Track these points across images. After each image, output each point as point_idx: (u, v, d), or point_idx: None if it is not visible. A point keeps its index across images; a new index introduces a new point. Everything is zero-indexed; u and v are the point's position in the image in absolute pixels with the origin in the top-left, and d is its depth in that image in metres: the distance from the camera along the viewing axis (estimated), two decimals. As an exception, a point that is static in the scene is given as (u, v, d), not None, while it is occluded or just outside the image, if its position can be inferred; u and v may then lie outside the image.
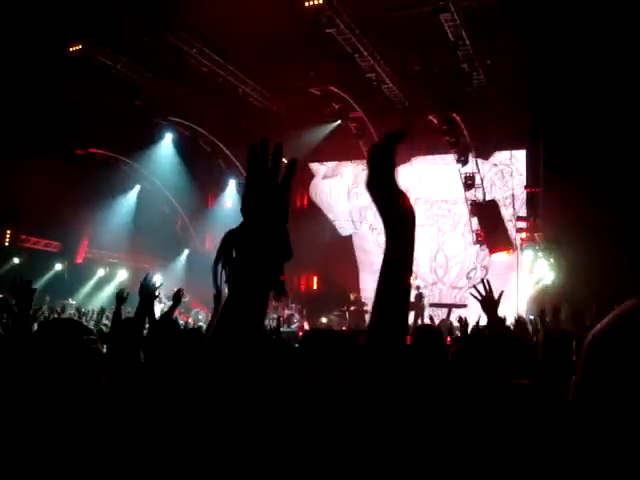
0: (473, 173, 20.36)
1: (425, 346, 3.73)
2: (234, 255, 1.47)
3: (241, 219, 1.47)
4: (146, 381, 2.31)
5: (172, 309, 5.92)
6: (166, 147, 24.19)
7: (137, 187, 24.94)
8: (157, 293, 5.17)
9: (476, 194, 20.65)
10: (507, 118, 18.58)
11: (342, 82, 19.72)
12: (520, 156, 21.39)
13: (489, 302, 4.24)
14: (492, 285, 4.35)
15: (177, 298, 6.04)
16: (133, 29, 17.40)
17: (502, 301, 4.40)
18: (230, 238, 1.49)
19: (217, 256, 1.48)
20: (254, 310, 1.46)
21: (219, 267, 1.47)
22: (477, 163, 20.28)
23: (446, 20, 16.07)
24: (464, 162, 20.22)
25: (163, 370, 2.42)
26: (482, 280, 4.39)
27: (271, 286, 1.48)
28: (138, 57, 19.31)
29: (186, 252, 26.27)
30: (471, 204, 20.67)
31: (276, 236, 1.46)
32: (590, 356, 1.19)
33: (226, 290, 1.47)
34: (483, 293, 4.26)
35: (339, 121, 21.79)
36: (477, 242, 20.87)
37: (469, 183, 20.43)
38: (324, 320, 18.06)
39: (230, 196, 25.37)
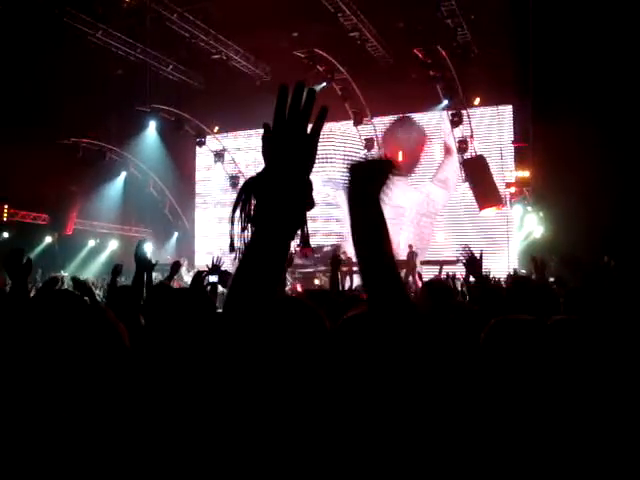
0: (459, 110, 20.31)
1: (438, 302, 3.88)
2: (254, 204, 1.41)
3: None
4: (150, 344, 2.34)
5: (169, 278, 5.93)
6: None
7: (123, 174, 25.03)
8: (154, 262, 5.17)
9: (464, 132, 20.66)
10: (493, 73, 18.48)
11: (326, 42, 19.52)
12: (507, 111, 21.34)
13: (472, 264, 4.61)
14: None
15: (175, 268, 6.03)
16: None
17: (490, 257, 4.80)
18: (250, 185, 1.43)
19: (235, 203, 1.42)
20: (274, 261, 1.42)
21: (236, 215, 1.41)
22: (463, 99, 20.13)
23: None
24: (451, 98, 20.12)
25: (164, 332, 2.45)
26: (465, 247, 4.83)
27: (293, 237, 1.42)
28: (117, 25, 18.98)
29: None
30: (459, 141, 20.65)
31: (300, 185, 1.40)
32: None
33: (240, 241, 1.42)
34: (465, 257, 4.68)
35: (324, 83, 21.49)
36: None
37: (455, 120, 20.39)
38: (317, 282, 18.09)
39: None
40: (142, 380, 1.61)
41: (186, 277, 20.00)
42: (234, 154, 24.99)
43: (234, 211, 1.42)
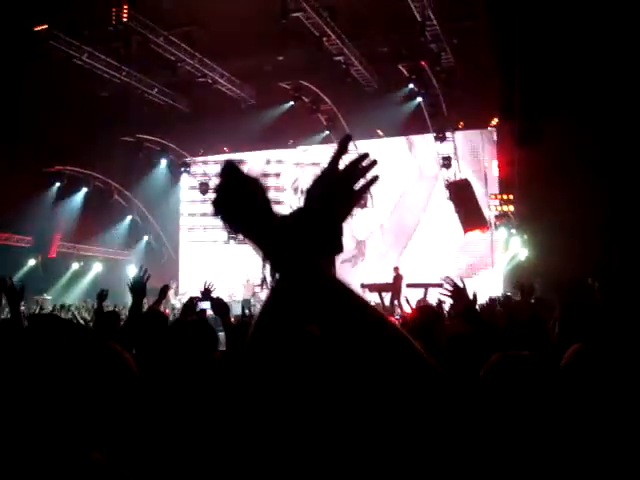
0: (443, 130, 20.50)
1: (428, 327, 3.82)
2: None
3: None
4: (146, 373, 2.32)
5: (157, 303, 5.90)
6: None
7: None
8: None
9: (448, 152, 20.82)
10: (477, 97, 18.65)
11: (311, 66, 19.63)
12: (491, 134, 21.51)
13: (459, 295, 4.38)
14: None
15: (163, 293, 6.03)
16: (97, 18, 17.17)
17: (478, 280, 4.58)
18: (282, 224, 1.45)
19: None
20: (296, 302, 1.43)
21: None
22: (447, 117, 20.21)
23: (412, 0, 16.17)
24: (435, 113, 20.21)
25: (163, 362, 2.43)
26: (447, 280, 4.51)
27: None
28: (103, 47, 18.98)
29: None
30: (443, 158, 20.79)
31: (332, 230, 1.45)
32: None
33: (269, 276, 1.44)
34: (450, 290, 4.40)
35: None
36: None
37: (440, 136, 20.60)
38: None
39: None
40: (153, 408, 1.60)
41: (173, 300, 19.91)
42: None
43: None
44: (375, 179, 1.48)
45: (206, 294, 5.81)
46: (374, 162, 1.49)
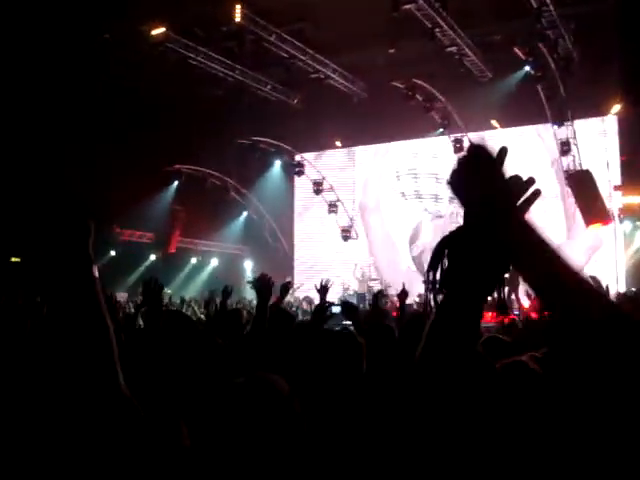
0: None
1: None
2: (447, 263, 1.41)
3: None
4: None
5: (280, 301, 5.97)
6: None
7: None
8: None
9: (568, 135, 19.92)
10: (597, 83, 17.88)
11: (423, 59, 19.37)
12: (612, 122, 20.58)
13: None
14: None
15: (284, 291, 6.09)
16: (211, 18, 17.62)
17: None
18: (446, 243, 1.43)
19: (431, 262, 1.42)
20: (466, 323, 1.40)
21: (431, 274, 1.41)
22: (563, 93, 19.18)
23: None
24: (552, 98, 19.30)
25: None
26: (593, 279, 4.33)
27: (486, 301, 1.41)
28: (217, 46, 19.41)
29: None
30: (561, 143, 19.93)
31: (498, 250, 1.39)
32: None
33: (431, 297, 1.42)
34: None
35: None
36: None
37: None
38: (417, 299, 17.71)
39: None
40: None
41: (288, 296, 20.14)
42: (332, 178, 25.11)
43: (430, 269, 1.42)
44: (537, 194, 1.39)
45: (323, 292, 5.93)
46: (532, 179, 1.39)
